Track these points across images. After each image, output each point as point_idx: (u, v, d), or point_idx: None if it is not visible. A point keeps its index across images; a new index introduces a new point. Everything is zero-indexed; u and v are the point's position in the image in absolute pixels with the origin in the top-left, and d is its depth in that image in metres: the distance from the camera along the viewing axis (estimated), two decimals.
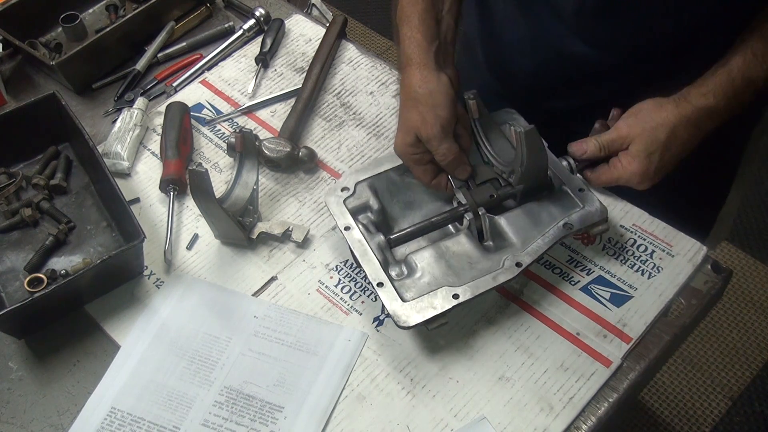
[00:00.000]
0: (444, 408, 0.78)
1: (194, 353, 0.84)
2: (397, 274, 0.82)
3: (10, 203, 0.98)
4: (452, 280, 0.80)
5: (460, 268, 0.82)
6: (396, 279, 0.81)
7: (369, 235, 0.85)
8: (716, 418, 1.76)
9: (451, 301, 0.77)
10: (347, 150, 1.03)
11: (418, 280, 0.81)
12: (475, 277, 0.80)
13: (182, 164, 0.99)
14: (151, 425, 0.79)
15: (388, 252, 0.85)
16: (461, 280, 0.80)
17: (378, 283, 0.79)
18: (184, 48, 1.19)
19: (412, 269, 0.82)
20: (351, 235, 0.84)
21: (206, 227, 0.93)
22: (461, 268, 0.82)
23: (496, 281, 0.79)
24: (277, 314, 0.87)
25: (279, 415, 0.79)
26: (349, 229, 0.85)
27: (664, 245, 0.88)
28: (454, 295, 0.78)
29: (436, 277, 0.81)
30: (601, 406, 0.78)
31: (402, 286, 0.80)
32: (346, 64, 1.15)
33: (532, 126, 0.79)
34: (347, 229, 0.85)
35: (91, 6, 1.25)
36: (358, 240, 0.84)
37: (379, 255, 0.82)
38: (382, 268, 0.81)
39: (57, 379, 0.84)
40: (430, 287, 0.79)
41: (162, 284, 0.90)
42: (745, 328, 1.90)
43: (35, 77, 1.18)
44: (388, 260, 0.84)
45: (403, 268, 0.83)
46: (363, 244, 0.83)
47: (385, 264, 0.82)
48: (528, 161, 0.81)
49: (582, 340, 0.82)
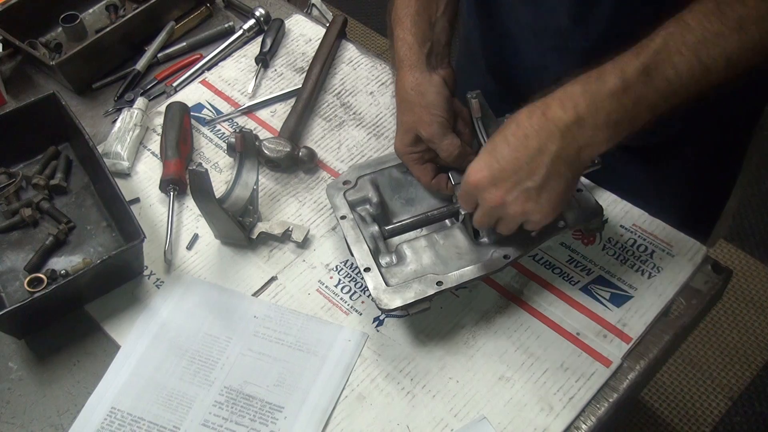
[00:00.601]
0: (444, 408, 0.78)
1: (194, 353, 0.84)
2: (387, 263, 0.84)
3: (10, 203, 0.98)
4: (439, 268, 0.81)
5: (449, 258, 0.83)
6: (384, 267, 0.82)
7: (364, 225, 0.86)
8: (716, 418, 1.76)
9: (435, 287, 0.78)
10: (347, 150, 1.03)
11: (405, 268, 0.82)
12: (461, 267, 0.81)
13: (182, 164, 0.99)
14: (151, 425, 0.79)
15: (381, 242, 0.86)
16: (447, 269, 0.81)
17: (365, 268, 0.81)
18: (184, 48, 1.19)
19: (402, 258, 0.83)
20: (346, 224, 0.86)
21: (206, 227, 0.93)
22: (449, 258, 0.83)
23: (481, 271, 0.80)
24: (277, 314, 0.87)
25: (279, 415, 0.79)
26: (344, 218, 0.86)
27: (664, 245, 0.88)
28: (438, 282, 0.79)
29: (423, 265, 0.82)
30: (601, 406, 0.78)
31: (388, 273, 0.81)
32: (346, 64, 1.15)
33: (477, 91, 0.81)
34: (343, 218, 0.86)
35: (91, 6, 1.25)
36: (351, 228, 0.85)
37: (371, 243, 0.84)
38: (372, 255, 0.82)
39: (57, 379, 0.84)
40: (416, 275, 0.81)
41: (162, 284, 0.90)
42: (745, 328, 1.90)
43: (35, 77, 1.18)
44: (380, 249, 0.85)
45: (393, 257, 0.84)
46: (357, 232, 0.85)
47: (375, 252, 0.84)
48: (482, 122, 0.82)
49: (582, 340, 0.82)
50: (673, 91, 0.65)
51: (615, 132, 0.67)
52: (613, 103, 0.66)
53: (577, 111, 0.67)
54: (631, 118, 0.66)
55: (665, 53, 0.64)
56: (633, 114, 0.66)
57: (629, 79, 0.65)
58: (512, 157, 0.70)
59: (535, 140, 0.69)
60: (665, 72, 0.64)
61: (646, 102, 0.66)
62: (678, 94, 0.65)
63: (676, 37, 0.64)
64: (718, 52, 0.63)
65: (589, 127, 0.67)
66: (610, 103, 0.66)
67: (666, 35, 0.65)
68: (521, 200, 0.71)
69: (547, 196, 0.71)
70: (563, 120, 0.67)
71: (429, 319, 0.84)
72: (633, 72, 0.65)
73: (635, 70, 0.65)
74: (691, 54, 0.64)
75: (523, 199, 0.71)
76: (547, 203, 0.71)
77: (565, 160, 0.69)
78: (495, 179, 0.71)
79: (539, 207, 0.71)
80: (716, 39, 0.63)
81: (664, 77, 0.65)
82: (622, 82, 0.65)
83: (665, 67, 0.64)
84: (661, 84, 0.65)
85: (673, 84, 0.65)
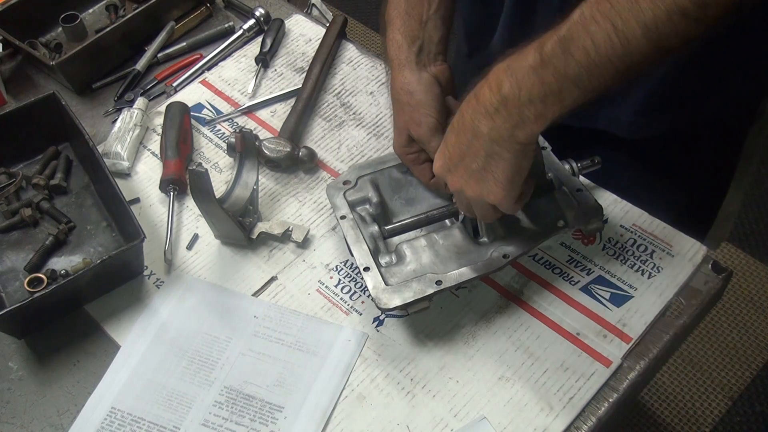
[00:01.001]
0: (444, 408, 0.78)
1: (194, 353, 0.84)
2: (387, 262, 0.84)
3: (10, 203, 0.98)
4: (438, 268, 0.81)
5: (448, 257, 0.83)
6: (384, 266, 0.82)
7: (363, 224, 0.86)
8: (716, 418, 1.76)
9: (434, 286, 0.79)
10: (347, 150, 1.03)
11: (404, 267, 0.82)
12: (461, 266, 0.81)
13: (182, 164, 0.99)
14: (151, 425, 0.79)
15: (381, 242, 0.86)
16: (447, 269, 0.81)
17: (365, 268, 0.81)
18: (184, 48, 1.19)
19: (401, 257, 0.83)
20: (345, 224, 0.86)
21: (206, 227, 0.93)
22: (449, 258, 0.83)
23: (481, 270, 0.80)
24: (277, 314, 0.87)
25: (279, 415, 0.79)
26: (344, 218, 0.86)
27: (664, 245, 0.88)
28: (437, 282, 0.79)
29: (422, 264, 0.82)
30: (601, 406, 0.78)
31: (388, 272, 0.81)
32: (346, 64, 1.15)
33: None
34: (343, 218, 0.86)
35: (91, 6, 1.25)
36: (351, 228, 0.85)
37: (370, 243, 0.84)
38: (371, 255, 0.82)
39: (57, 379, 0.84)
40: (416, 274, 0.81)
41: (162, 284, 0.90)
42: (745, 328, 1.90)
43: (35, 77, 1.18)
44: (379, 249, 0.85)
45: (393, 257, 0.84)
46: (356, 232, 0.85)
47: (375, 252, 0.84)
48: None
49: (582, 340, 0.82)
50: (593, 63, 0.63)
51: (544, 108, 0.66)
52: (533, 78, 0.65)
53: (501, 91, 0.67)
54: (557, 93, 0.65)
55: (581, 23, 0.63)
56: (557, 88, 0.65)
57: (547, 52, 0.64)
58: (456, 142, 0.73)
59: (470, 124, 0.70)
60: (583, 42, 0.62)
61: (568, 75, 0.64)
62: (600, 66, 0.63)
63: (591, 6, 0.62)
64: (632, 18, 0.61)
65: (514, 105, 0.67)
66: (530, 78, 0.65)
67: (583, 5, 0.63)
68: (472, 183, 0.73)
69: (493, 177, 0.72)
70: (491, 101, 0.68)
71: (429, 319, 0.84)
72: (550, 45, 0.64)
73: (552, 43, 0.64)
74: (606, 22, 0.61)
75: (473, 181, 0.73)
76: (494, 184, 0.72)
77: (498, 140, 0.69)
78: (448, 166, 0.75)
79: (490, 187, 0.73)
80: (630, 5, 0.60)
81: (581, 47, 0.63)
82: (540, 56, 0.64)
83: (582, 38, 0.62)
84: (579, 55, 0.63)
85: (591, 54, 0.63)
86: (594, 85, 0.64)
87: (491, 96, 0.67)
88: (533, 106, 0.66)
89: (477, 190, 0.74)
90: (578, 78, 0.64)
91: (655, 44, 0.61)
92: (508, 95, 0.66)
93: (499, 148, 0.69)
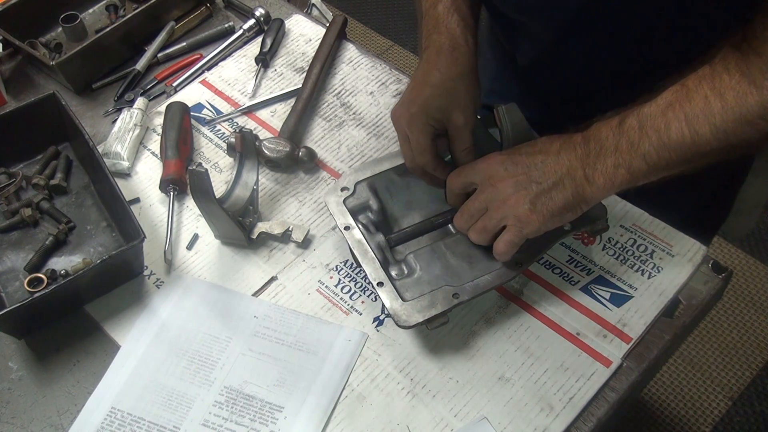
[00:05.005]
0: (444, 408, 0.78)
1: (194, 353, 0.84)
2: (397, 273, 0.83)
3: (10, 203, 0.98)
4: (452, 279, 0.80)
5: (460, 267, 0.82)
6: (396, 279, 0.81)
7: (369, 234, 0.85)
8: (716, 418, 1.76)
9: (452, 300, 0.78)
10: (347, 150, 1.03)
11: (418, 280, 0.81)
12: (475, 277, 0.80)
13: (182, 164, 0.99)
14: (151, 425, 0.79)
15: (388, 252, 0.85)
16: (461, 280, 0.80)
17: (378, 283, 0.79)
18: (184, 48, 1.19)
19: (412, 269, 0.82)
20: (351, 235, 0.84)
21: (206, 227, 0.93)
22: (461, 268, 0.82)
23: (496, 280, 0.79)
24: (277, 314, 0.87)
25: (279, 415, 0.79)
26: (349, 229, 0.85)
27: (664, 245, 0.88)
28: (454, 295, 0.78)
29: (436, 276, 0.81)
30: (601, 406, 0.78)
31: (402, 286, 0.80)
32: (346, 64, 1.15)
33: (513, 103, 0.81)
34: (347, 229, 0.85)
35: (91, 6, 1.25)
36: (357, 240, 0.84)
37: (379, 255, 0.82)
38: (382, 267, 0.81)
39: (57, 379, 0.84)
40: (431, 287, 0.80)
41: (162, 284, 0.90)
42: (745, 328, 1.90)
43: (35, 77, 1.18)
44: (388, 260, 0.84)
45: (403, 267, 0.83)
46: (363, 243, 0.83)
47: (385, 263, 0.82)
48: (512, 135, 0.81)
49: (582, 340, 0.82)
50: (663, 145, 0.70)
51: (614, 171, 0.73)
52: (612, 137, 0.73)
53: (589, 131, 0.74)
54: (627, 163, 0.72)
55: (661, 107, 0.70)
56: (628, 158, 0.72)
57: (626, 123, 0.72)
58: (531, 151, 0.77)
59: (556, 148, 0.75)
60: (657, 125, 0.70)
61: (639, 150, 0.71)
62: (669, 149, 0.70)
63: (672, 95, 0.70)
64: (703, 117, 0.68)
65: (594, 149, 0.73)
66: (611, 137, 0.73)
67: (667, 92, 0.71)
68: (519, 197, 0.75)
69: (545, 203, 0.75)
70: (577, 139, 0.75)
71: None
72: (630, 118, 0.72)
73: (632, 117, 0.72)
74: (681, 113, 0.69)
75: (520, 196, 0.75)
76: (543, 208, 0.75)
77: (573, 176, 0.74)
78: (506, 166, 0.77)
79: (534, 209, 0.75)
80: (703, 104, 0.68)
81: (654, 129, 0.70)
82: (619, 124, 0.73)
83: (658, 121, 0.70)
84: (652, 134, 0.70)
85: (662, 138, 0.70)
86: (662, 165, 0.71)
87: (581, 137, 0.75)
88: (604, 162, 0.73)
89: (518, 208, 0.75)
90: (647, 154, 0.70)
91: (722, 143, 0.68)
92: (590, 137, 0.74)
93: (568, 183, 0.74)
